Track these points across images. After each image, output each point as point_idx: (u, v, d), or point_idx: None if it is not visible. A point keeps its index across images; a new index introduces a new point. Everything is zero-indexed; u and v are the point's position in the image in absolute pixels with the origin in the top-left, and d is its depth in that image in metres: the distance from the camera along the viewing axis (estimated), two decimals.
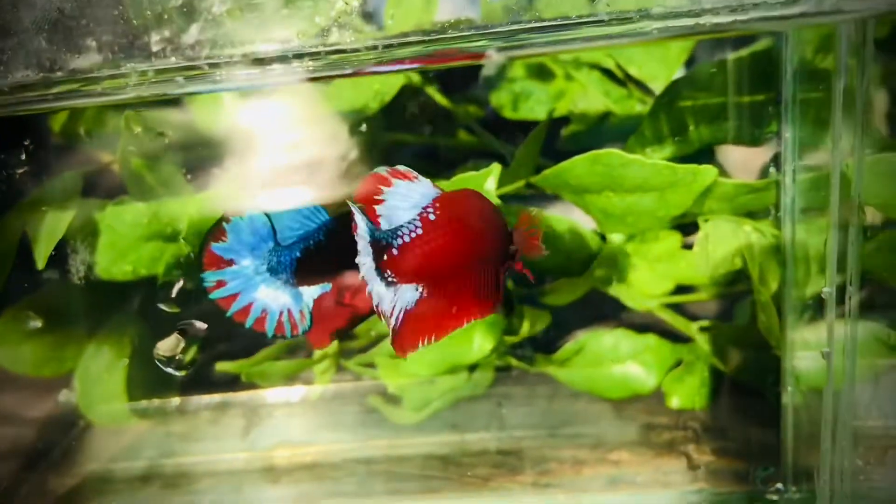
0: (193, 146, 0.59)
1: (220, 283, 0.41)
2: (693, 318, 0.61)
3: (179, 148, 0.55)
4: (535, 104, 0.67)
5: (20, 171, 0.53)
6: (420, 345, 0.37)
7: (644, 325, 0.62)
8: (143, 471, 0.61)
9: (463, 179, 0.51)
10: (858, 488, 0.40)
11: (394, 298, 0.37)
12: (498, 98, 0.67)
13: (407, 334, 0.37)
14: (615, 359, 0.61)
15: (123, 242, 0.54)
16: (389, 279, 0.37)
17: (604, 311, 0.66)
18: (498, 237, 0.38)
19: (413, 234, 0.37)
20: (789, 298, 0.48)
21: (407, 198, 0.37)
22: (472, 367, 0.62)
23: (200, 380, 0.67)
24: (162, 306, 0.43)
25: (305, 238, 0.41)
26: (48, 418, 0.66)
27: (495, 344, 0.55)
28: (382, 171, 0.37)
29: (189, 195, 0.52)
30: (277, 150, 0.59)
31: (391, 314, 0.37)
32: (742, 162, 0.57)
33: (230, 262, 0.41)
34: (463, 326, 0.37)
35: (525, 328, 0.57)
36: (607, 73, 0.65)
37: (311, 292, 0.40)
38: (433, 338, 0.36)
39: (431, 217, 0.37)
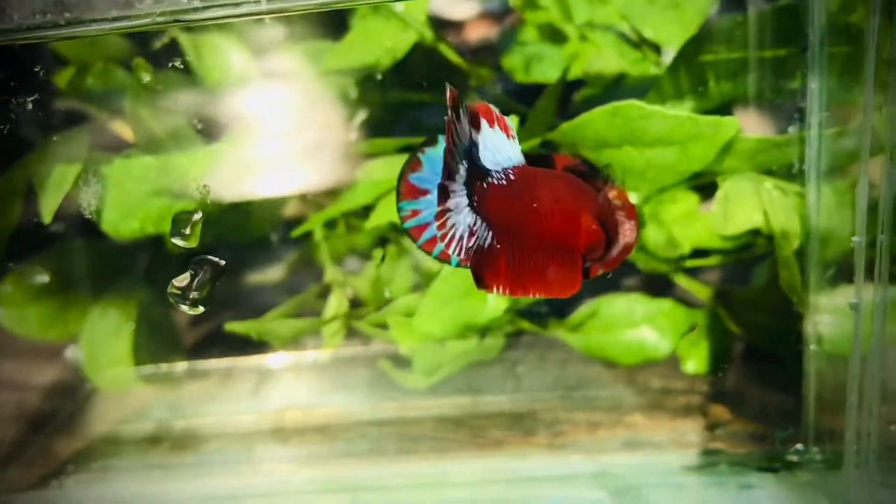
0: (202, 100, 0.58)
1: (415, 213, 0.39)
2: (710, 282, 0.60)
3: (188, 100, 0.54)
4: (548, 67, 0.66)
5: (27, 124, 0.52)
6: (490, 291, 0.36)
7: (659, 288, 0.61)
8: (150, 433, 0.60)
9: None
10: (887, 448, 0.39)
11: (476, 227, 0.36)
12: (510, 61, 0.66)
13: (479, 272, 0.36)
14: (629, 323, 0.60)
15: (131, 198, 0.53)
16: (473, 204, 0.36)
17: (619, 274, 0.65)
18: (578, 222, 0.36)
19: (498, 183, 0.36)
20: (813, 254, 0.46)
21: (494, 150, 0.36)
22: (484, 332, 0.62)
23: (208, 344, 0.67)
24: (176, 240, 0.42)
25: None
26: (54, 381, 0.65)
27: (509, 303, 0.54)
28: (494, 108, 0.36)
29: (198, 148, 0.50)
30: (285, 105, 0.58)
31: (470, 245, 0.36)
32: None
33: (425, 192, 0.39)
34: (530, 296, 0.36)
35: None
36: (622, 35, 0.64)
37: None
38: (505, 291, 0.36)
39: (512, 177, 0.36)
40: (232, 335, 0.60)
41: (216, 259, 0.41)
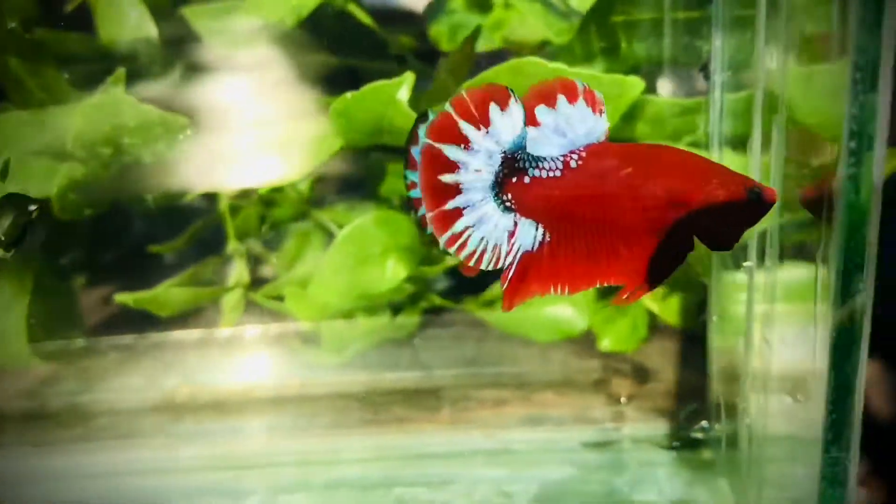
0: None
1: (414, 184, 0.36)
2: None
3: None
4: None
5: None
6: (550, 292, 0.33)
7: None
8: (40, 410, 0.57)
9: (374, 88, 0.47)
10: (778, 424, 0.37)
11: (514, 232, 0.33)
12: (437, 29, 0.64)
13: (529, 276, 0.33)
14: (545, 300, 0.58)
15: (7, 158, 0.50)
16: (507, 203, 0.33)
17: None
18: (648, 205, 0.33)
19: (551, 173, 0.33)
20: None
21: (565, 131, 0.33)
22: (397, 309, 0.59)
23: (109, 321, 0.63)
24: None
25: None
26: None
27: (410, 272, 0.51)
28: (580, 83, 0.32)
29: (76, 101, 0.47)
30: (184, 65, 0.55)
31: (509, 251, 0.33)
32: None
33: None
34: (596, 286, 0.33)
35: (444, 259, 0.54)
36: (549, 5, 0.62)
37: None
38: (566, 289, 0.33)
39: (573, 164, 0.33)
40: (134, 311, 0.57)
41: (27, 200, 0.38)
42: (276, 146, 0.52)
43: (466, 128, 0.32)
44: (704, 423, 0.48)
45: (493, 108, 0.32)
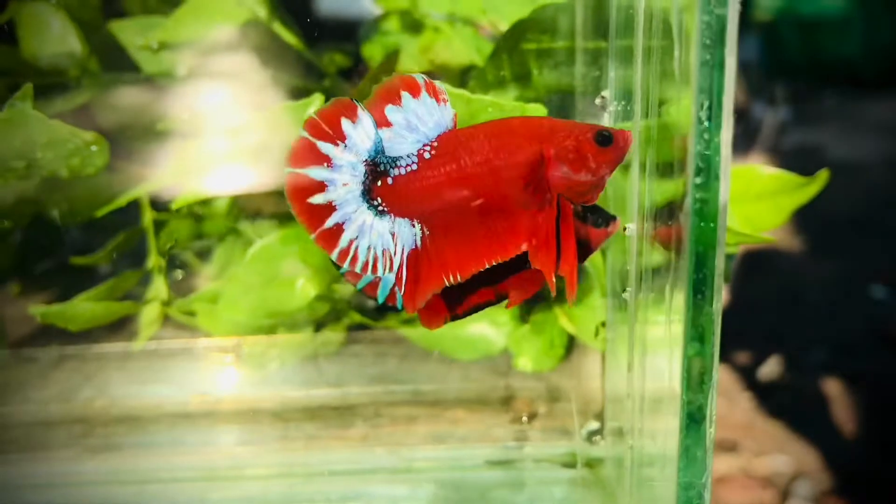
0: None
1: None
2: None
3: None
4: (404, 57, 0.64)
5: None
6: (444, 282, 0.34)
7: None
8: None
9: (285, 108, 0.48)
10: (655, 446, 0.38)
11: (396, 233, 0.34)
12: (370, 50, 0.65)
13: (421, 272, 0.34)
14: (466, 319, 0.59)
15: None
16: (380, 208, 0.34)
17: None
18: (511, 175, 0.34)
19: (408, 169, 0.34)
20: (611, 247, 0.46)
21: (417, 126, 0.34)
22: (319, 326, 0.60)
23: (35, 332, 0.63)
24: None
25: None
26: None
27: (321, 291, 0.52)
28: (420, 77, 0.34)
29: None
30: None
31: (395, 253, 0.34)
32: None
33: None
34: (485, 267, 0.34)
35: None
36: (478, 30, 0.63)
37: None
38: (457, 275, 0.34)
39: (427, 156, 0.35)
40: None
41: None
42: (206, 160, 0.53)
43: (325, 147, 0.33)
44: (602, 441, 0.48)
45: (345, 122, 0.33)
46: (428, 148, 0.35)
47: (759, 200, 0.61)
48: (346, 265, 0.35)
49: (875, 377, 1.14)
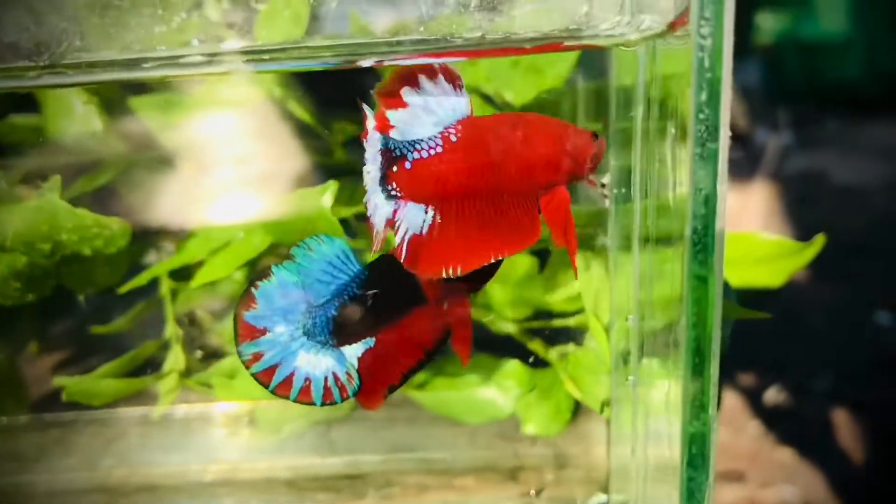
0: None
1: (258, 356, 0.37)
2: (557, 342, 0.61)
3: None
4: None
5: None
6: (442, 273, 0.34)
7: (507, 348, 0.62)
8: None
9: (299, 195, 0.50)
10: None
11: (396, 216, 0.35)
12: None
13: (420, 260, 0.34)
14: (473, 382, 0.61)
15: None
16: (392, 192, 0.35)
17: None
18: (533, 166, 0.35)
19: (432, 152, 0.34)
20: (613, 326, 0.47)
21: (434, 109, 0.34)
22: None
23: (55, 393, 0.65)
24: None
25: (339, 293, 0.37)
26: None
27: None
28: (436, 62, 0.34)
29: (15, 202, 0.50)
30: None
31: (396, 233, 0.35)
32: None
33: (264, 332, 0.37)
34: (490, 261, 0.34)
35: None
36: (487, 98, 0.65)
37: (353, 351, 0.37)
38: (458, 268, 0.34)
39: (453, 138, 0.34)
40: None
41: None
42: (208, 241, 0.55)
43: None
44: None
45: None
46: (453, 131, 0.34)
47: (758, 265, 0.62)
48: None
49: (881, 403, 1.15)
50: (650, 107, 0.38)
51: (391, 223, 0.35)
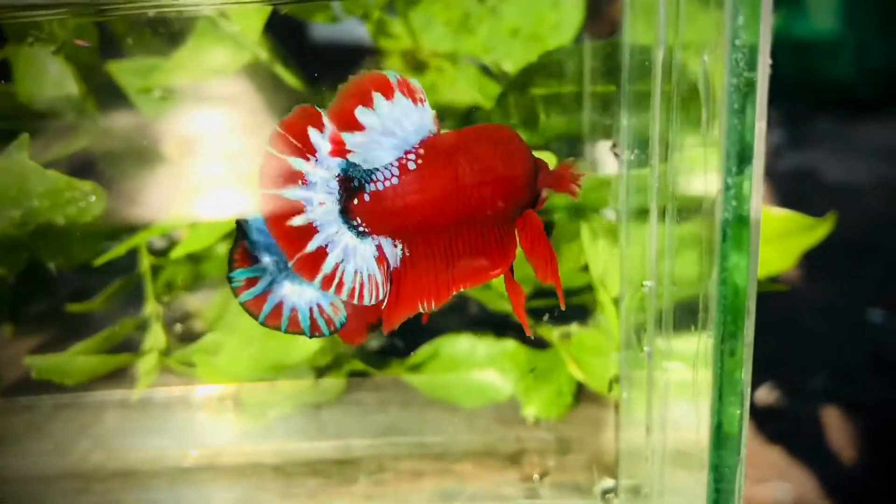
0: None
1: (251, 282, 0.35)
2: (558, 322, 0.58)
3: None
4: None
5: None
6: (415, 311, 0.31)
7: (505, 328, 0.59)
8: None
9: None
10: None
11: (381, 255, 0.31)
12: None
13: (397, 300, 0.31)
14: (471, 364, 0.58)
15: None
16: (360, 228, 0.31)
17: (466, 312, 0.63)
18: (513, 187, 0.31)
19: (388, 183, 0.30)
20: (623, 300, 0.45)
21: (394, 130, 0.29)
22: (321, 372, 0.58)
23: (29, 377, 0.61)
24: None
25: None
26: None
27: (323, 342, 0.50)
28: (391, 75, 0.29)
29: None
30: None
31: (385, 278, 0.31)
32: None
33: (256, 260, 0.35)
34: (463, 289, 0.32)
35: None
36: (485, 69, 0.62)
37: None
38: (431, 304, 0.31)
39: (411, 166, 0.30)
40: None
41: None
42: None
43: (296, 162, 0.29)
44: (616, 500, 0.47)
45: (312, 132, 0.29)
46: (412, 157, 0.30)
47: (767, 243, 0.60)
48: (331, 292, 0.31)
49: (874, 402, 1.13)
50: (672, 54, 0.35)
51: (381, 261, 0.31)
